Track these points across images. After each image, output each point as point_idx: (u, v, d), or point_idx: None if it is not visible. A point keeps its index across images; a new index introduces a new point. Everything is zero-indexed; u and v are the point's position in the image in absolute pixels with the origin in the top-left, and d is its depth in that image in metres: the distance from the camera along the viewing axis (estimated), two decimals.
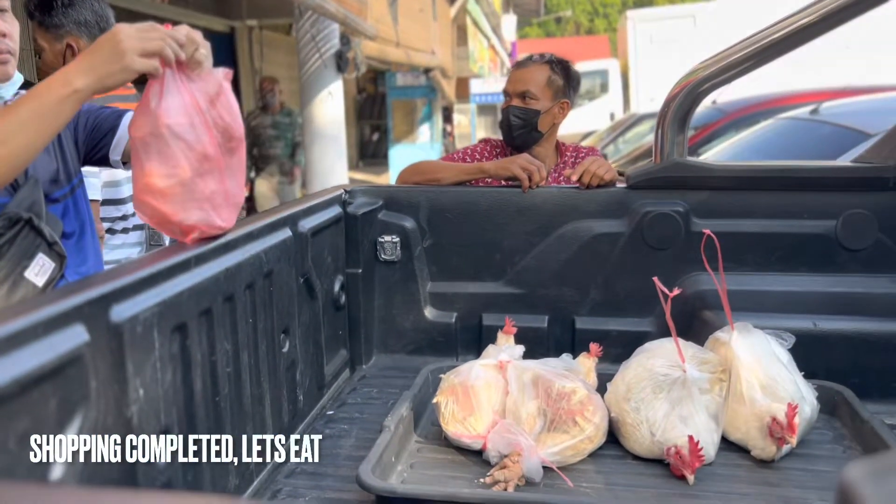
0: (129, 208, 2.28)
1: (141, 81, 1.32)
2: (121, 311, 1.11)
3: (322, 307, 1.98)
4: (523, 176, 2.15)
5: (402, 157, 12.06)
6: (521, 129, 2.35)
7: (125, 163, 1.61)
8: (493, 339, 2.00)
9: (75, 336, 1.00)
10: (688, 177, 2.10)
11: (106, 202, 2.24)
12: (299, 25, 6.35)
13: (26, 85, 1.61)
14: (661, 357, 1.66)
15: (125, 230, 2.32)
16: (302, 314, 1.85)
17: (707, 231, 1.73)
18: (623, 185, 2.17)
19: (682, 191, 2.12)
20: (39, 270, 1.45)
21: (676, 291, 1.63)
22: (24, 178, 1.49)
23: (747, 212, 2.10)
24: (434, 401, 1.70)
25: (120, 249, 2.30)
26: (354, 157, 15.54)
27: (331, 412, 1.96)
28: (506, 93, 2.38)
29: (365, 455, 1.53)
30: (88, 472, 1.01)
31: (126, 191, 2.25)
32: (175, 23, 1.31)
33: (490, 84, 14.64)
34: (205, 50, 1.32)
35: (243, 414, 1.51)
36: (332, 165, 6.35)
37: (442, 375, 1.75)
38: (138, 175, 1.32)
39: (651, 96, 13.55)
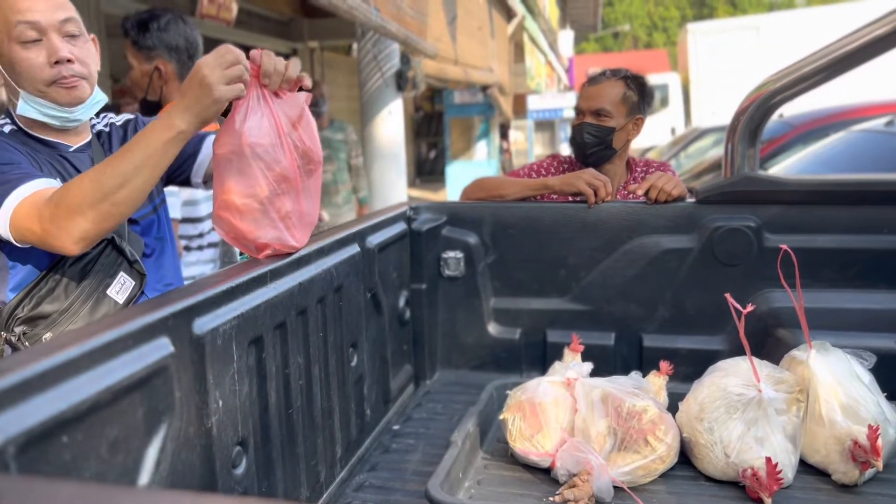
0: (205, 226, 2.35)
1: (227, 111, 1.37)
2: (202, 324, 1.14)
3: (388, 322, 2.00)
4: (589, 191, 2.13)
5: (458, 174, 12.13)
6: (594, 146, 2.29)
7: (206, 183, 1.66)
8: (557, 356, 1.98)
9: (161, 348, 1.04)
10: (759, 191, 2.05)
11: (184, 220, 2.32)
12: (361, 45, 6.47)
13: (108, 108, 1.68)
14: (735, 376, 1.62)
15: (200, 247, 2.39)
16: (369, 328, 1.87)
17: (784, 246, 1.69)
18: (692, 199, 2.13)
19: (754, 205, 2.07)
20: (121, 288, 1.52)
21: (750, 308, 1.59)
22: None
23: (822, 227, 2.03)
24: (501, 417, 1.69)
25: (195, 266, 2.37)
26: (412, 175, 15.68)
27: (396, 427, 1.97)
28: (578, 110, 2.33)
29: (432, 470, 1.53)
30: (172, 480, 1.04)
31: (204, 209, 2.32)
32: (239, 46, 1.35)
33: (547, 100, 14.61)
34: (294, 66, 1.37)
35: (314, 426, 1.54)
36: (392, 183, 6.42)
37: (508, 392, 1.75)
38: (218, 191, 1.36)
39: (713, 110, 13.32)
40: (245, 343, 1.26)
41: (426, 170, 17.44)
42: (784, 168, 4.63)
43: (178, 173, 1.65)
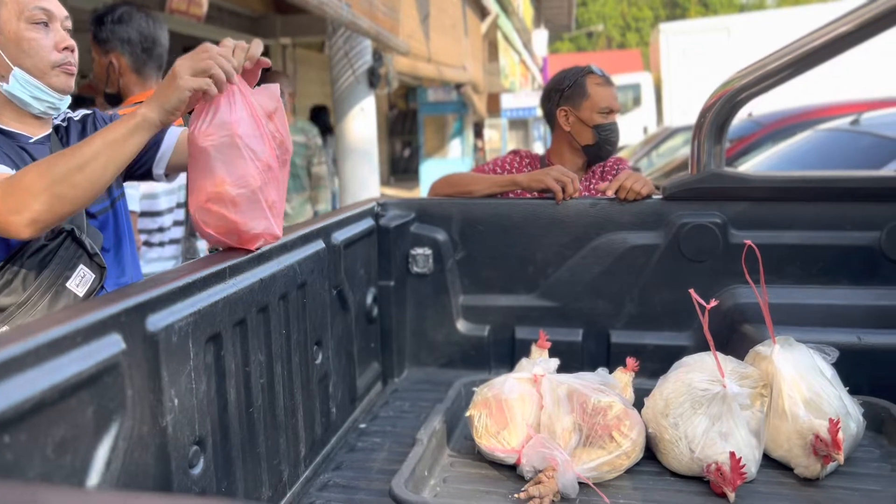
0: (165, 221, 2.31)
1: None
2: (156, 321, 1.11)
3: (354, 319, 1.98)
4: (557, 187, 2.13)
5: (433, 172, 12.10)
6: (618, 143, 2.42)
7: (167, 175, 1.64)
8: (526, 353, 1.97)
9: (112, 344, 1.01)
10: (725, 187, 2.07)
11: (144, 214, 2.28)
12: (332, 42, 6.42)
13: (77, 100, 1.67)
14: (700, 371, 1.62)
15: (161, 244, 2.35)
16: (335, 326, 1.85)
17: (748, 242, 1.69)
18: (659, 196, 2.14)
19: (720, 202, 2.08)
20: (80, 281, 1.49)
21: (714, 303, 1.60)
22: None
23: (787, 223, 2.05)
24: (467, 414, 1.68)
25: (155, 263, 2.33)
26: (385, 173, 15.63)
27: (363, 425, 1.95)
28: (610, 109, 2.37)
29: (398, 469, 1.52)
30: (124, 481, 1.01)
31: (163, 203, 2.29)
32: (212, 42, 1.37)
33: (521, 99, 14.64)
34: (256, 47, 1.39)
35: (277, 425, 1.51)
36: (364, 181, 6.38)
37: (475, 389, 1.73)
38: (207, 184, 1.34)
39: (684, 109, 13.45)
40: (202, 340, 1.23)
41: (400, 168, 17.40)
42: (753, 166, 4.68)
43: (139, 166, 1.63)
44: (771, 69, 1.98)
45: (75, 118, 1.64)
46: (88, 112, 1.66)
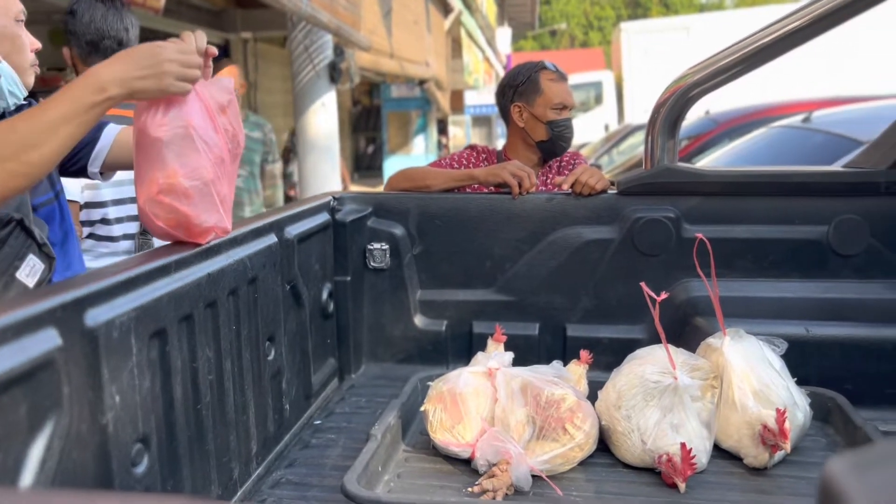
0: (109, 212, 2.25)
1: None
2: (96, 316, 1.08)
3: (309, 315, 1.95)
4: (513, 182, 2.13)
5: (396, 168, 12.08)
6: (572, 139, 2.42)
7: (103, 174, 1.61)
8: (483, 347, 1.97)
9: (47, 340, 0.98)
10: (679, 182, 2.09)
11: (87, 205, 2.23)
12: (292, 36, 6.35)
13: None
14: (652, 364, 1.64)
15: (112, 238, 2.29)
16: (288, 322, 1.82)
17: (700, 235, 1.71)
18: (614, 191, 2.15)
19: (673, 196, 2.10)
20: (30, 271, 1.46)
21: (664, 296, 1.61)
22: None
23: (739, 218, 2.08)
24: (422, 409, 1.67)
25: (109, 258, 2.27)
26: (349, 169, 15.51)
27: (318, 422, 1.93)
28: (563, 105, 2.37)
29: (352, 465, 1.50)
30: (61, 480, 0.98)
31: (106, 194, 2.23)
32: (171, 35, 1.35)
33: (484, 96, 14.68)
34: (201, 39, 1.36)
35: (226, 422, 1.49)
36: (325, 177, 6.33)
37: (431, 383, 1.73)
38: (156, 176, 1.30)
39: (645, 108, 13.60)
40: (146, 336, 1.20)
41: (364, 164, 17.29)
42: (709, 163, 4.75)
43: (73, 162, 1.59)
44: (723, 66, 2.01)
45: (10, 109, 1.59)
46: (25, 102, 1.61)
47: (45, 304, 0.99)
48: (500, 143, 15.83)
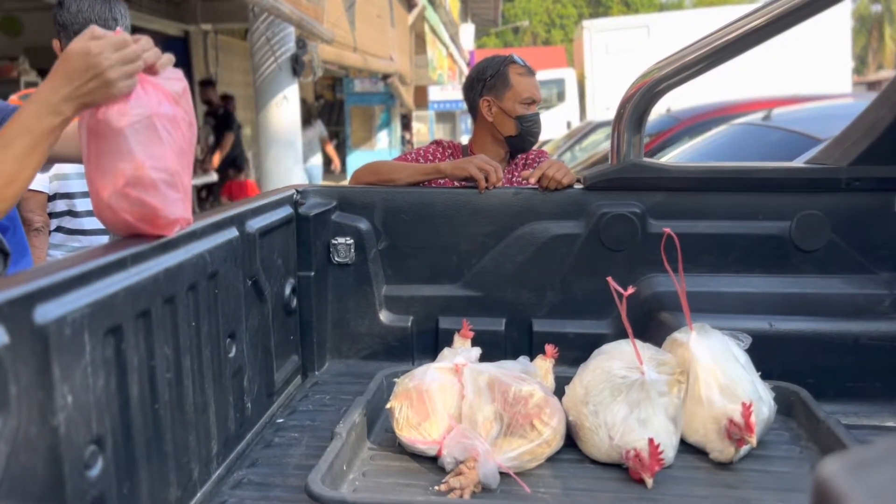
0: (76, 204, 2.18)
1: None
2: (46, 312, 1.03)
3: (272, 311, 1.91)
4: (480, 176, 2.11)
5: (360, 163, 11.98)
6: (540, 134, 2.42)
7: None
8: (450, 343, 1.95)
9: None
10: (644, 178, 2.09)
11: (57, 196, 2.16)
12: (253, 28, 6.25)
13: None
14: (618, 359, 1.63)
15: (83, 231, 2.22)
16: (250, 318, 1.77)
17: (667, 230, 1.71)
18: (580, 186, 2.15)
19: (639, 192, 2.10)
20: None
21: (631, 290, 1.61)
22: None
23: (703, 213, 2.09)
24: (388, 406, 1.64)
25: None
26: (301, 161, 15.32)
27: (281, 420, 1.89)
28: (532, 100, 2.37)
29: (315, 464, 1.47)
30: (9, 485, 0.93)
31: (75, 185, 2.16)
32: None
33: (448, 92, 14.65)
34: (165, 57, 1.33)
35: (185, 422, 1.44)
36: (287, 171, 6.24)
37: (397, 380, 1.70)
38: (123, 168, 1.25)
39: (607, 105, 13.73)
40: (100, 333, 1.15)
41: (327, 158, 17.12)
42: (671, 159, 4.79)
43: None
44: (687, 61, 2.02)
45: None
46: None
47: None
48: (464, 139, 15.79)
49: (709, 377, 1.62)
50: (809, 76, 10.43)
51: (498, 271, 2.16)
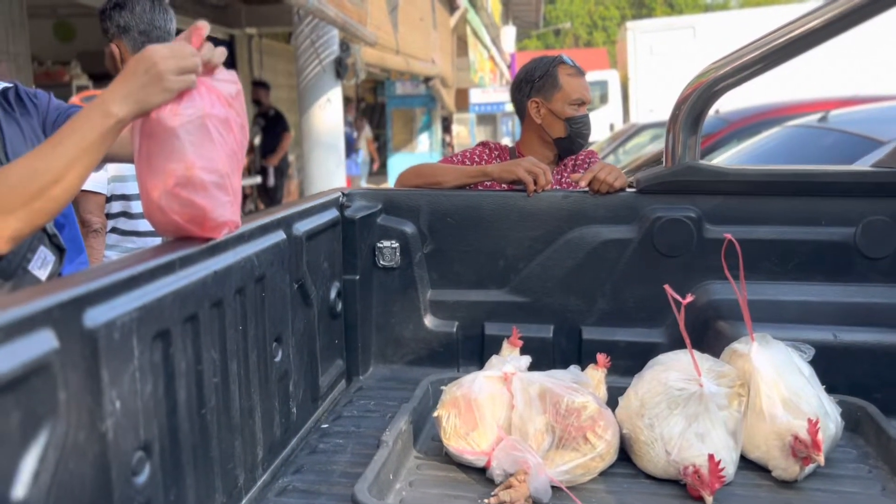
0: (132, 206, 2.20)
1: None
2: (96, 316, 1.01)
3: (317, 315, 1.88)
4: (528, 179, 2.06)
5: (400, 165, 12.00)
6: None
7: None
8: (495, 350, 1.90)
9: (43, 342, 0.91)
10: (700, 181, 2.02)
11: (113, 197, 2.19)
12: (298, 31, 6.28)
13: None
14: (675, 370, 1.57)
15: (137, 233, 2.24)
16: (296, 322, 1.75)
17: (728, 236, 1.64)
18: (633, 189, 2.08)
19: (694, 195, 2.03)
20: (42, 264, 1.44)
21: (689, 298, 1.54)
22: None
23: (762, 218, 2.01)
24: (435, 414, 1.60)
25: None
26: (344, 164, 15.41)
27: (325, 425, 1.86)
28: (581, 101, 2.32)
29: (361, 472, 1.44)
30: (56, 493, 0.91)
31: (132, 188, 2.19)
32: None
33: (490, 94, 14.59)
34: (218, 51, 1.31)
35: (231, 427, 1.42)
36: (330, 173, 6.26)
37: (443, 388, 1.66)
38: (174, 168, 1.23)
39: (651, 107, 13.53)
40: (148, 337, 1.13)
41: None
42: (720, 162, 4.67)
43: None
44: (746, 61, 1.94)
45: None
46: (9, 85, 1.55)
47: (41, 303, 0.92)
48: (505, 142, 15.69)
49: (771, 391, 1.55)
50: (868, 76, 10.08)
51: (546, 277, 2.11)
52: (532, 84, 2.36)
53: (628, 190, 2.08)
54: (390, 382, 2.13)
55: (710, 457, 1.41)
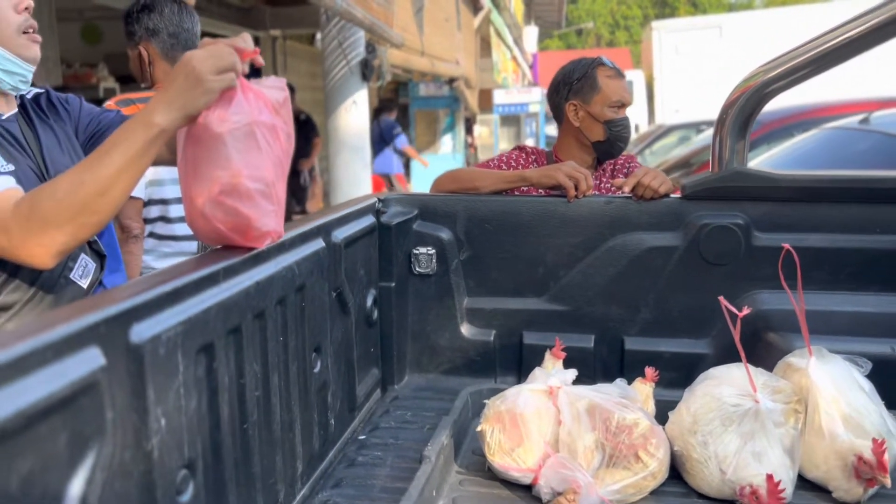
0: (170, 210, 2.18)
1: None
2: (141, 331, 0.98)
3: (354, 323, 1.85)
4: (569, 184, 2.01)
5: (422, 168, 11.99)
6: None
7: None
8: (534, 360, 1.85)
9: (90, 360, 0.87)
10: (749, 187, 1.95)
11: (150, 202, 2.17)
12: (325, 32, 6.26)
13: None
14: (729, 385, 1.51)
15: (174, 237, 2.22)
16: (334, 331, 1.71)
17: (787, 246, 1.58)
18: (678, 195, 2.02)
19: (743, 202, 1.97)
20: (83, 272, 1.43)
21: (746, 311, 1.48)
22: (48, 175, 1.40)
23: (814, 225, 1.94)
24: (478, 429, 1.56)
25: (172, 259, 2.21)
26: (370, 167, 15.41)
27: (363, 437, 1.82)
28: (621, 103, 2.26)
29: (402, 486, 1.40)
30: None
31: (169, 192, 2.16)
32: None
33: (513, 95, 14.51)
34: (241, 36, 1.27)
35: (272, 442, 1.38)
36: (356, 176, 6.23)
37: (486, 401, 1.61)
38: (220, 175, 1.20)
39: (676, 108, 13.37)
40: (193, 351, 1.10)
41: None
42: (755, 165, 4.58)
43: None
44: (798, 63, 1.87)
45: (28, 96, 1.50)
46: (41, 90, 1.52)
47: (88, 319, 0.89)
48: (529, 143, 15.56)
49: (831, 407, 1.48)
50: None
51: (587, 285, 2.05)
52: (570, 86, 2.31)
53: (673, 196, 2.02)
54: (426, 392, 2.09)
55: (769, 477, 1.35)
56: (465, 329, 2.14)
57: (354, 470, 1.66)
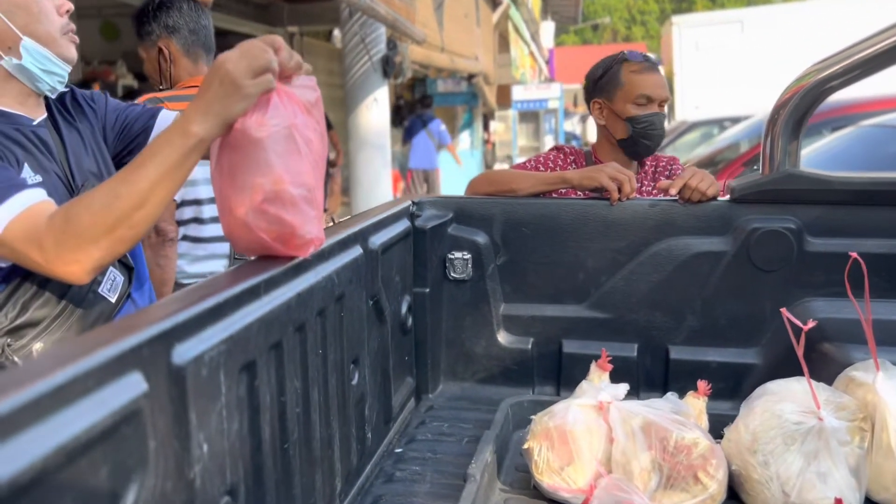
0: (204, 210, 2.13)
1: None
2: (183, 352, 0.91)
3: (390, 331, 1.78)
4: (612, 186, 1.93)
5: (442, 164, 11.91)
6: (662, 138, 2.18)
7: None
8: (573, 369, 1.78)
9: (132, 386, 0.81)
10: (801, 189, 1.87)
11: (184, 203, 2.12)
12: (346, 28, 6.20)
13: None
14: (790, 401, 1.43)
15: (207, 239, 2.17)
16: (371, 341, 1.65)
17: (854, 254, 1.49)
18: (726, 198, 1.94)
19: (794, 205, 1.88)
20: (111, 286, 1.39)
21: (812, 324, 1.40)
22: (75, 183, 1.34)
23: (870, 230, 1.85)
24: (525, 447, 1.49)
25: (205, 262, 2.16)
26: (394, 165, 15.36)
27: (399, 450, 1.76)
28: (647, 98, 2.12)
29: None
30: None
31: (204, 192, 2.11)
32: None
33: (532, 91, 14.40)
34: (295, 60, 1.19)
35: (312, 460, 1.32)
36: (377, 175, 6.17)
37: (532, 417, 1.54)
38: (262, 182, 1.13)
39: (696, 104, 13.19)
40: (235, 370, 1.03)
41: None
42: None
43: (126, 154, 1.47)
44: (856, 60, 1.78)
45: (53, 96, 1.44)
46: (66, 89, 1.47)
47: (130, 341, 0.82)
48: (547, 140, 15.44)
49: None
50: None
51: (630, 291, 1.97)
52: (595, 84, 2.23)
53: (721, 198, 1.94)
54: (462, 402, 2.02)
55: (838, 501, 1.27)
56: (502, 336, 2.07)
57: (393, 486, 1.59)
